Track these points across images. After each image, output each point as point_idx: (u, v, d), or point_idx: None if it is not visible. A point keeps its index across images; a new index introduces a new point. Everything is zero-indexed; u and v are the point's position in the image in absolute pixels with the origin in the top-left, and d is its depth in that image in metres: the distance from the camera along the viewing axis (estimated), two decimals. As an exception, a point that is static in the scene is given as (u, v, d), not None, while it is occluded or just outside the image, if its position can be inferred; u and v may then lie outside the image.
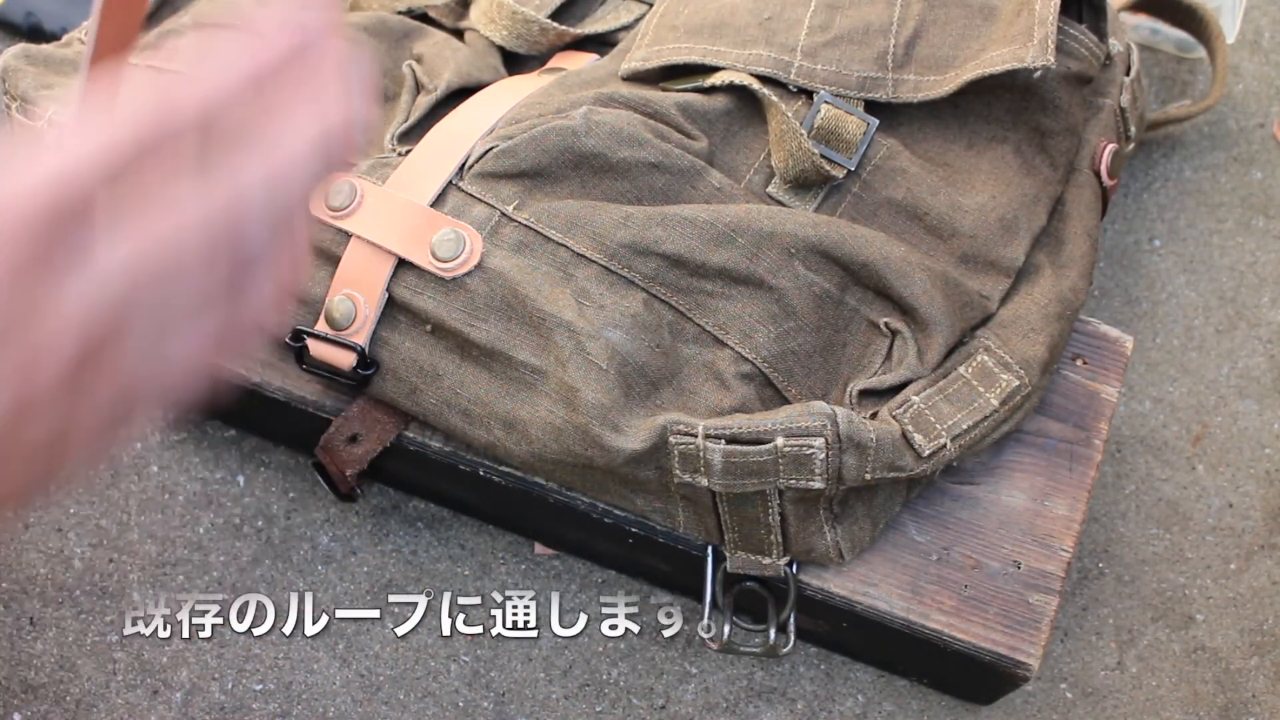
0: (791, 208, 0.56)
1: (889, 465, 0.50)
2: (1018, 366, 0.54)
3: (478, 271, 0.53)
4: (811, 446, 0.49)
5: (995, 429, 0.54)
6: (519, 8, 0.63)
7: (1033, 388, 0.54)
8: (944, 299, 0.54)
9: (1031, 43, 0.54)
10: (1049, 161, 0.58)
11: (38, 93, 0.56)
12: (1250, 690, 0.68)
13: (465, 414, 0.53)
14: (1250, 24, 0.84)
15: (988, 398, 0.53)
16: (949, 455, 0.52)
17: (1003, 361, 0.55)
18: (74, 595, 0.67)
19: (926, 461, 0.51)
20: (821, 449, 0.49)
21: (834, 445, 0.49)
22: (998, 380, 0.54)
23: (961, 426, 0.52)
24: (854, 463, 0.50)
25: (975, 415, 0.53)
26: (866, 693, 0.67)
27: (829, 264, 0.55)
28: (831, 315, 0.55)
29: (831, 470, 0.50)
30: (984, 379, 0.54)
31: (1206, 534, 0.71)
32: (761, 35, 0.58)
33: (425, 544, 0.69)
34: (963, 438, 0.52)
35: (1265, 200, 0.79)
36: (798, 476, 0.50)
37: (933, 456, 0.51)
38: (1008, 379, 0.54)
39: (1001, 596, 0.55)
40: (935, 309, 0.54)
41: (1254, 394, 0.74)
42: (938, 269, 0.55)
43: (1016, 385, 0.54)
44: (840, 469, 0.50)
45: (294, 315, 0.54)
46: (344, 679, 0.66)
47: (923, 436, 0.51)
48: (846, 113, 0.56)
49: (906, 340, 0.54)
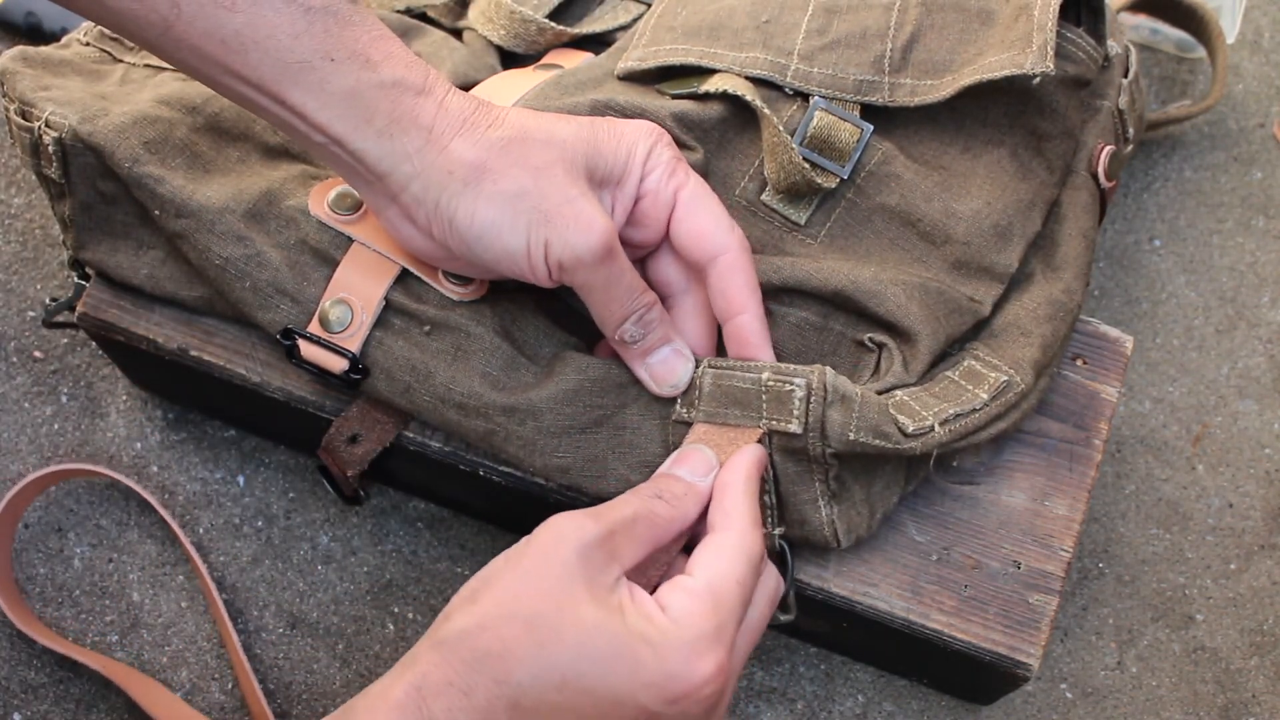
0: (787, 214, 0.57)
1: (874, 429, 0.50)
2: (1007, 366, 0.55)
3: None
4: (792, 383, 0.50)
5: (989, 423, 0.53)
6: (517, 7, 0.63)
7: (1027, 386, 0.54)
8: (921, 309, 0.54)
9: (1030, 48, 0.54)
10: (1045, 165, 0.58)
11: (35, 94, 0.56)
12: (1250, 690, 0.68)
13: (460, 407, 0.53)
14: (1250, 24, 0.84)
15: (975, 392, 0.54)
16: (938, 438, 0.51)
17: (990, 364, 0.55)
18: (74, 595, 0.67)
19: (913, 439, 0.51)
20: (802, 388, 0.50)
21: (817, 391, 0.50)
22: (985, 378, 0.54)
23: (949, 413, 0.52)
24: (838, 417, 0.50)
25: (963, 406, 0.53)
26: (866, 693, 0.67)
27: (803, 297, 0.56)
28: (815, 341, 0.56)
29: (814, 419, 0.50)
30: (971, 378, 0.54)
31: (1206, 534, 0.71)
32: (758, 38, 0.58)
33: (425, 544, 0.69)
34: (951, 424, 0.52)
35: (1265, 200, 0.79)
36: (778, 417, 0.51)
37: (919, 436, 0.51)
38: (996, 376, 0.54)
39: (1001, 596, 0.55)
40: (913, 320, 0.54)
41: (1254, 394, 0.74)
42: (914, 280, 0.55)
43: (1005, 381, 0.54)
44: (824, 422, 0.50)
45: (285, 313, 0.54)
46: (344, 679, 0.66)
47: (907, 418, 0.51)
48: (840, 119, 0.56)
49: (892, 352, 0.55)
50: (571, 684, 0.43)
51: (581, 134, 0.51)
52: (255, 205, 0.54)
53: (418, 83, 0.48)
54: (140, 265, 0.57)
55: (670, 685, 0.44)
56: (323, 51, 0.47)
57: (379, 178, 0.49)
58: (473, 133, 0.49)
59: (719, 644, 0.45)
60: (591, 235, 0.48)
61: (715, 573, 0.46)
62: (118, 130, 0.54)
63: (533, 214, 0.48)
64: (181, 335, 0.58)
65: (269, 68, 0.47)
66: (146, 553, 0.68)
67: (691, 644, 0.44)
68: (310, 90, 0.47)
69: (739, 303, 0.52)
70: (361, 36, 0.48)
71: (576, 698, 0.43)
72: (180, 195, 0.54)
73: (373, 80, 0.47)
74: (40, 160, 0.56)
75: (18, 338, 0.72)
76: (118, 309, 0.59)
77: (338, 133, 0.48)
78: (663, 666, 0.43)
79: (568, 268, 0.49)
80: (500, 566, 0.46)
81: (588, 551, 0.45)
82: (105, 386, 0.71)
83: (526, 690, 0.43)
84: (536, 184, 0.49)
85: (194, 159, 0.56)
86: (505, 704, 0.43)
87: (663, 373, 0.52)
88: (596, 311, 0.51)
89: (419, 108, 0.48)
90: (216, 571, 0.67)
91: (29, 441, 0.70)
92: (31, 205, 0.75)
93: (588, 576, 0.44)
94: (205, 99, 0.57)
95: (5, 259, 0.74)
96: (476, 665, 0.43)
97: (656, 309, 0.52)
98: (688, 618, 0.45)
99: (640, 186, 0.52)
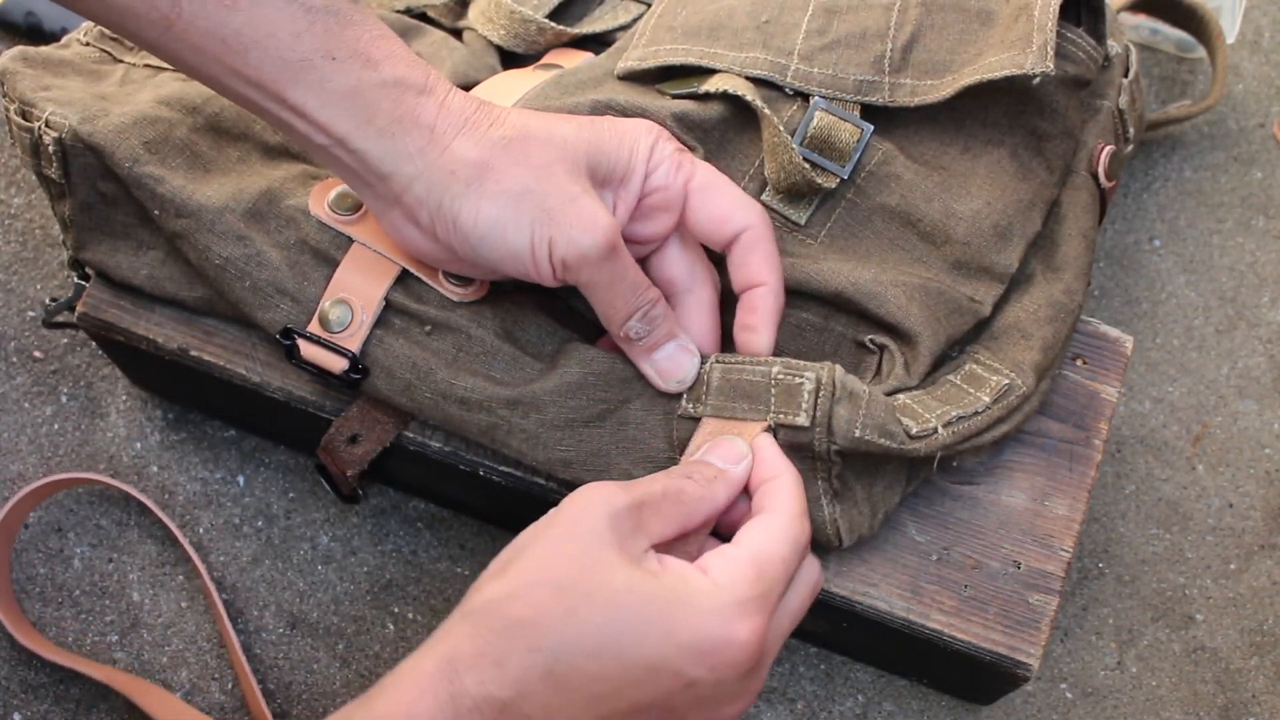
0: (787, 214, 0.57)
1: (880, 428, 0.50)
2: (1008, 369, 0.55)
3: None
4: (802, 377, 0.51)
5: (991, 425, 0.54)
6: (517, 7, 0.63)
7: (1029, 389, 0.54)
8: (921, 310, 0.55)
9: (1030, 49, 0.54)
10: (1045, 165, 0.58)
11: (35, 94, 0.56)
12: (1250, 690, 0.68)
13: (463, 402, 0.53)
14: (1250, 24, 0.84)
15: (977, 395, 0.54)
16: (941, 440, 0.52)
17: (991, 367, 0.55)
18: (74, 595, 0.67)
19: (917, 441, 0.51)
20: (812, 382, 0.50)
21: (825, 386, 0.50)
22: (987, 382, 0.54)
23: (951, 415, 0.52)
24: (845, 414, 0.50)
25: (965, 409, 0.53)
26: (866, 693, 0.67)
27: (804, 298, 0.56)
28: (816, 342, 0.56)
29: (821, 414, 0.50)
30: (973, 382, 0.55)
31: (1206, 534, 0.71)
32: (758, 38, 0.57)
33: (425, 544, 0.69)
34: (954, 426, 0.52)
35: (1265, 200, 0.79)
36: (786, 410, 0.51)
37: (922, 437, 0.51)
38: (997, 379, 0.54)
39: (1001, 596, 0.55)
40: (913, 321, 0.54)
41: (1254, 394, 0.74)
42: (914, 281, 0.55)
43: (1007, 384, 0.54)
44: (831, 418, 0.50)
45: (285, 313, 0.54)
46: (344, 679, 0.66)
47: (910, 420, 0.52)
48: (840, 119, 0.56)
49: (893, 354, 0.55)
50: (606, 650, 0.42)
51: (583, 133, 0.51)
52: (255, 204, 0.54)
53: (419, 82, 0.49)
54: (140, 266, 0.57)
55: (708, 648, 0.43)
56: (324, 50, 0.47)
57: (381, 179, 0.49)
58: (475, 132, 0.49)
59: (760, 612, 0.44)
60: (595, 233, 0.48)
61: (761, 547, 0.46)
62: (118, 130, 0.54)
63: (536, 212, 0.48)
64: (181, 335, 0.58)
65: (270, 66, 0.47)
66: (146, 553, 0.68)
67: (732, 606, 0.43)
68: (311, 89, 0.47)
69: (761, 274, 0.52)
70: (363, 36, 0.48)
71: (611, 666, 0.42)
72: (180, 195, 0.54)
73: (374, 79, 0.48)
74: (40, 160, 0.56)
75: (18, 338, 0.72)
76: (118, 309, 0.59)
77: (340, 132, 0.48)
78: (701, 628, 0.43)
79: (572, 266, 0.49)
80: (529, 537, 0.45)
81: (617, 518, 0.44)
82: (105, 386, 0.71)
83: (559, 657, 0.42)
84: (539, 182, 0.49)
85: (194, 159, 0.56)
86: (539, 673, 0.42)
87: (669, 368, 0.53)
88: (601, 309, 0.51)
89: (421, 107, 0.48)
90: (216, 571, 0.67)
91: (29, 441, 0.70)
92: (31, 205, 0.75)
93: (618, 542, 0.44)
94: (205, 99, 0.57)
95: (5, 259, 0.74)
96: (508, 634, 0.42)
97: (661, 305, 0.52)
98: (729, 580, 0.44)
99: (646, 184, 0.52)
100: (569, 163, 0.49)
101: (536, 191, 0.48)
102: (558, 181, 0.49)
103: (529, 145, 0.49)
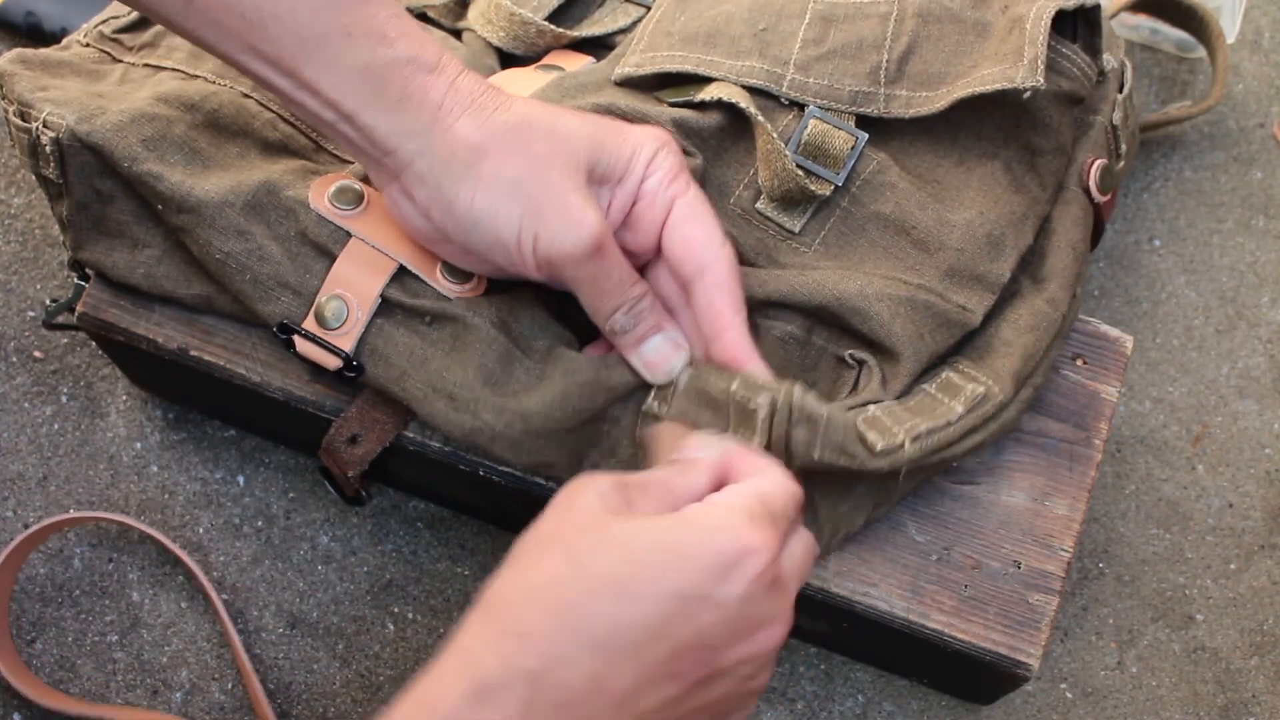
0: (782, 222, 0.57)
1: (839, 448, 0.50)
2: (985, 377, 0.54)
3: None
4: (756, 401, 0.50)
5: (962, 436, 0.52)
6: (516, 9, 0.63)
7: (1006, 397, 0.54)
8: (906, 326, 0.54)
9: (1021, 63, 0.54)
10: (1038, 180, 0.58)
11: (33, 95, 0.56)
12: (1250, 690, 0.68)
13: (451, 398, 0.53)
14: (1250, 24, 0.84)
15: (951, 405, 0.53)
16: (906, 455, 0.50)
17: (969, 375, 0.54)
18: (74, 595, 0.67)
19: (881, 457, 0.50)
20: (766, 406, 0.50)
21: (782, 410, 0.50)
22: (961, 390, 0.53)
23: (920, 429, 0.51)
24: (803, 437, 0.50)
25: (936, 420, 0.52)
26: (866, 693, 0.67)
27: (788, 310, 0.55)
28: (797, 356, 0.56)
29: (777, 436, 0.50)
30: (948, 390, 0.54)
31: (1206, 534, 0.71)
32: (755, 47, 0.57)
33: (425, 544, 0.69)
34: (922, 440, 0.51)
35: (1265, 200, 0.79)
36: (743, 430, 0.51)
37: (887, 454, 0.50)
38: (973, 387, 0.53)
39: (1001, 596, 0.55)
40: (896, 340, 0.54)
41: (1254, 394, 0.74)
42: (903, 294, 0.54)
43: (982, 392, 0.53)
44: (789, 442, 0.50)
45: (286, 305, 0.54)
46: (344, 679, 0.66)
47: (877, 434, 0.50)
48: (835, 127, 0.56)
49: (871, 370, 0.54)
50: (630, 590, 0.41)
51: (586, 129, 0.51)
52: (255, 196, 0.54)
53: (431, 61, 0.49)
54: (137, 264, 0.57)
55: (728, 559, 0.42)
56: (341, 26, 0.48)
57: (386, 153, 0.50)
58: (479, 114, 0.49)
59: (770, 525, 0.43)
60: (580, 231, 0.49)
61: (759, 485, 0.45)
62: (115, 129, 0.54)
63: (526, 205, 0.49)
64: (181, 335, 0.58)
65: (288, 42, 0.47)
66: (146, 553, 0.68)
67: (741, 518, 0.43)
68: (325, 66, 0.48)
69: (724, 319, 0.52)
70: (379, 13, 0.48)
71: (639, 607, 0.41)
72: (179, 191, 0.54)
73: (387, 56, 0.48)
74: (38, 161, 0.56)
75: (18, 338, 0.72)
76: (118, 309, 0.59)
77: (350, 108, 0.49)
78: (714, 544, 0.42)
79: (555, 263, 0.49)
80: (525, 535, 0.45)
81: (605, 494, 0.44)
82: (105, 386, 0.71)
83: (583, 613, 0.41)
84: (533, 173, 0.49)
85: (193, 155, 0.56)
86: (569, 634, 0.41)
87: (655, 360, 0.53)
88: (586, 304, 0.52)
89: (430, 85, 0.49)
90: (216, 572, 0.67)
91: (29, 441, 0.70)
92: (31, 205, 0.75)
93: (610, 508, 0.44)
94: (204, 96, 0.57)
95: (5, 259, 0.74)
96: (526, 605, 0.42)
97: (647, 299, 0.52)
98: (733, 501, 0.44)
99: (639, 188, 0.52)
100: (567, 157, 0.50)
101: (529, 183, 0.49)
102: (552, 175, 0.49)
103: (530, 134, 0.50)
